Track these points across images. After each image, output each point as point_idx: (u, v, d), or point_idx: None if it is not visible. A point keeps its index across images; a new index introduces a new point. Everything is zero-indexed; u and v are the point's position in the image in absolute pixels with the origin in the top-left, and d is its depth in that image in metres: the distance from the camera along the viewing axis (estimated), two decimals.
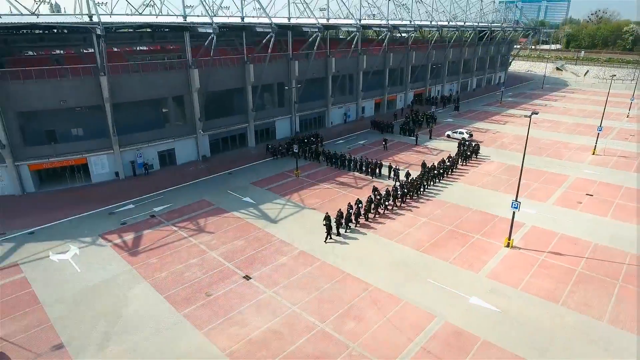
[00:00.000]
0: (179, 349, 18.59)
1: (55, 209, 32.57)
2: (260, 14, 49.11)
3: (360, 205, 29.86)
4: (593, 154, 45.55)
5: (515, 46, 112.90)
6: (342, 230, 28.27)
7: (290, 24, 47.83)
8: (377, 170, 39.11)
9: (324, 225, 27.18)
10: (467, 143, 45.82)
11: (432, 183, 36.56)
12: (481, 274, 23.87)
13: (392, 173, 37.32)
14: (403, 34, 64.95)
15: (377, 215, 30.75)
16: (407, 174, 35.88)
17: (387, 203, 31.56)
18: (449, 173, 39.05)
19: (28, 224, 30.18)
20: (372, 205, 30.44)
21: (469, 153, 42.73)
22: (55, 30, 39.55)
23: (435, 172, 36.93)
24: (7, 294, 22.48)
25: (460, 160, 41.57)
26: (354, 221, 29.08)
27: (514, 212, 25.96)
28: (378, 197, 31.29)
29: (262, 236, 28.26)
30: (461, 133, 51.02)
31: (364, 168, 39.76)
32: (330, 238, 27.43)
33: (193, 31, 39.48)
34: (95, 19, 34.12)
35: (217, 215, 31.47)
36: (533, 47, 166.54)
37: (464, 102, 76.48)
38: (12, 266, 25.07)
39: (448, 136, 52.41)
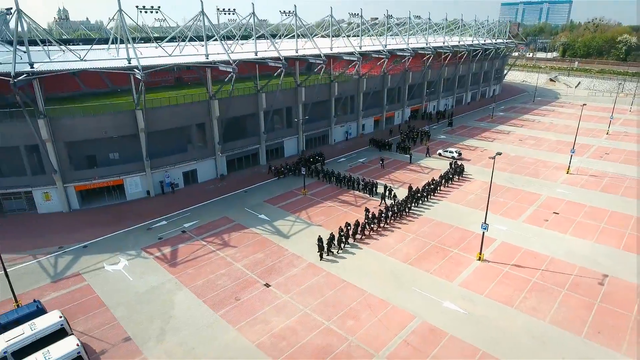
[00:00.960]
0: (219, 341, 24.43)
1: (100, 225, 38.52)
2: (270, 47, 54.78)
3: (349, 228, 35.08)
4: (567, 172, 51.03)
5: (513, 53, 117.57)
6: (334, 251, 33.54)
7: (298, 55, 53.61)
8: (374, 189, 44.82)
9: (317, 245, 32.55)
10: (454, 163, 51.16)
11: (417, 204, 41.75)
12: (455, 282, 29.60)
13: (387, 192, 42.72)
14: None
15: (363, 237, 35.75)
16: (394, 196, 41.08)
17: (372, 225, 36.64)
18: (433, 194, 44.13)
19: (80, 239, 36.14)
20: (359, 229, 35.46)
21: (450, 175, 47.75)
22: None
23: (419, 195, 42.11)
24: (78, 298, 28.41)
25: (443, 182, 46.40)
26: (344, 242, 34.02)
27: (483, 232, 31.71)
28: (366, 220, 36.56)
29: (277, 250, 34.10)
30: (451, 152, 56.69)
31: (361, 187, 45.49)
32: (322, 258, 32.65)
33: (214, 68, 45.42)
34: (134, 62, 40.05)
35: (238, 231, 37.32)
36: (530, 54, 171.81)
37: (457, 117, 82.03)
38: (75, 275, 31.00)
39: (440, 154, 58.08)
